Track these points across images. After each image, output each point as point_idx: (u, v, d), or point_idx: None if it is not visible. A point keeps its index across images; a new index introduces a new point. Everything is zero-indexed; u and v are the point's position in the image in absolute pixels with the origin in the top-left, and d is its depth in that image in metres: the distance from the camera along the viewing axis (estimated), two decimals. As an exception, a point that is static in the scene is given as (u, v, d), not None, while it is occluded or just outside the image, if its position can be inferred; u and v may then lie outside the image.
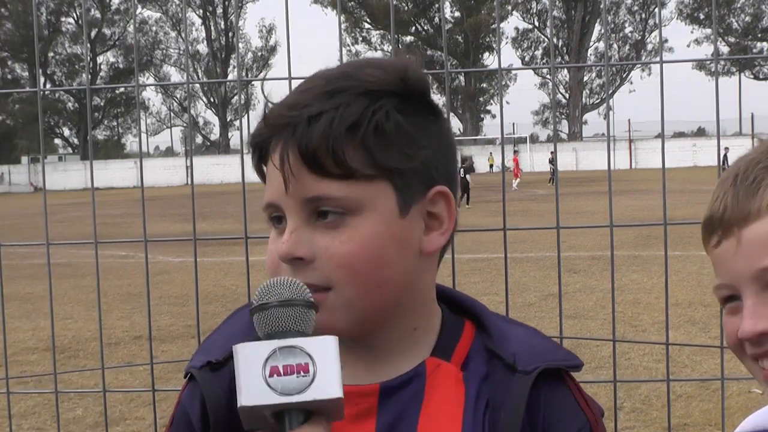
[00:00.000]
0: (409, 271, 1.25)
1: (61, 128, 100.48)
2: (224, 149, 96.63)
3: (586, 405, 1.31)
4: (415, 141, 1.23)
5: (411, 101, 1.25)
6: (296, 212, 1.21)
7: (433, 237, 1.27)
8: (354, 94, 1.21)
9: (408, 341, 1.29)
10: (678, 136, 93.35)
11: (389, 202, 1.22)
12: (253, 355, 1.08)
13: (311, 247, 1.20)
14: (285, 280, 1.13)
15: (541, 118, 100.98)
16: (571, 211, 25.04)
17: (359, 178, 1.20)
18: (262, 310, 1.12)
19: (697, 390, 7.75)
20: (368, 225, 1.20)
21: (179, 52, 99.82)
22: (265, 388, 1.07)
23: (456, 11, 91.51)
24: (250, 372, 1.07)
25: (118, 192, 59.01)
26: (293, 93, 1.26)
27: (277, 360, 1.07)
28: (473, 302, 1.39)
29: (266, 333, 1.11)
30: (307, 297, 1.13)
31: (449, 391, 1.27)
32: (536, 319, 10.67)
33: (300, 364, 1.07)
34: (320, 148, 1.18)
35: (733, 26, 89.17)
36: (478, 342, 1.32)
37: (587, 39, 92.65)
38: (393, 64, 1.27)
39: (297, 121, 1.20)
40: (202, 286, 2.78)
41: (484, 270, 14.86)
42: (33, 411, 7.79)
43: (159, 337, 10.38)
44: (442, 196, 1.27)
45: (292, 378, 1.07)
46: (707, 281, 13.26)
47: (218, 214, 29.78)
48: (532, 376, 1.25)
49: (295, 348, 1.08)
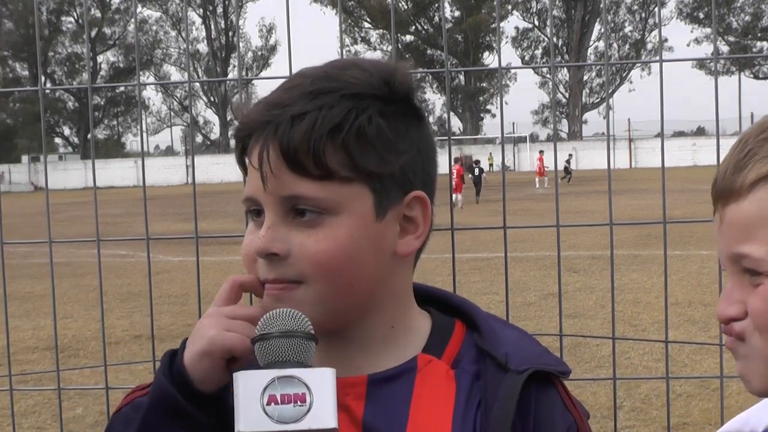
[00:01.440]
0: (382, 272, 1.27)
1: (61, 127, 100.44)
2: (224, 148, 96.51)
3: (573, 407, 1.32)
4: (395, 146, 1.25)
5: (394, 105, 1.26)
6: (274, 209, 1.23)
7: (408, 240, 1.29)
8: (338, 95, 1.22)
9: (387, 338, 1.31)
10: (678, 135, 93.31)
11: (366, 204, 1.24)
12: (252, 383, 1.11)
13: (287, 243, 1.22)
14: (287, 312, 1.17)
15: (541, 118, 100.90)
16: (571, 211, 25.04)
17: (338, 180, 1.21)
18: (263, 339, 1.15)
19: (697, 389, 7.75)
20: (344, 226, 1.22)
21: (179, 51, 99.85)
22: (263, 416, 1.09)
23: (456, 11, 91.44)
24: (248, 399, 1.10)
25: (118, 191, 58.98)
26: (277, 91, 1.27)
27: (275, 389, 1.10)
28: (463, 301, 1.40)
29: (266, 362, 1.14)
30: (308, 329, 1.16)
31: (440, 387, 1.28)
32: (536, 319, 10.68)
33: (297, 393, 1.10)
34: (301, 148, 1.20)
35: (732, 25, 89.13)
36: (469, 341, 1.34)
37: (587, 38, 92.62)
38: (378, 66, 1.28)
39: (279, 120, 1.21)
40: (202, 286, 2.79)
41: (484, 269, 14.88)
42: (33, 410, 7.80)
43: (159, 336, 10.37)
44: (418, 201, 1.29)
45: (289, 407, 1.10)
46: (707, 280, 13.27)
47: (218, 213, 29.77)
48: (524, 376, 1.27)
49: (294, 378, 1.11)
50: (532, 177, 50.01)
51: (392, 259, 1.28)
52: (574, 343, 8.86)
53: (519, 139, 78.46)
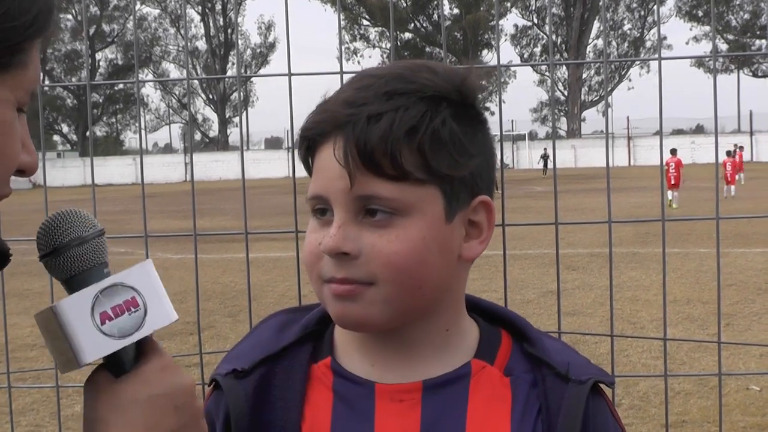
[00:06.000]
0: (447, 275, 1.28)
1: (59, 125, 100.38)
2: (223, 146, 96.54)
3: (619, 419, 1.36)
4: (466, 150, 1.25)
5: (463, 109, 1.27)
6: (345, 208, 1.23)
7: (473, 245, 1.30)
8: (413, 97, 1.23)
9: (441, 342, 1.32)
10: (677, 133, 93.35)
11: (437, 207, 1.24)
12: (77, 309, 1.01)
13: (357, 243, 1.22)
14: (68, 214, 1.06)
15: (540, 116, 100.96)
16: (569, 208, 25.04)
17: (412, 181, 1.21)
18: (57, 255, 1.04)
19: (695, 387, 7.76)
20: (415, 227, 1.22)
21: (178, 48, 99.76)
22: (103, 338, 1.01)
23: (455, 8, 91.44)
24: (80, 327, 1.01)
25: (117, 189, 58.95)
26: (347, 89, 1.27)
27: (102, 305, 1.02)
28: (509, 312, 1.42)
29: (67, 277, 1.05)
30: (97, 225, 1.08)
31: (495, 393, 1.30)
32: (535, 316, 10.68)
33: (127, 299, 1.04)
34: (378, 148, 1.20)
35: (731, 23, 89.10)
36: (517, 350, 1.36)
37: (586, 36, 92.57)
38: (449, 70, 1.29)
39: (356, 119, 1.21)
40: (201, 283, 2.79)
41: (483, 267, 14.86)
42: (31, 408, 7.79)
43: (157, 334, 10.27)
44: (484, 205, 1.30)
45: (125, 317, 1.03)
46: (705, 278, 13.28)
47: (217, 211, 29.75)
48: (587, 386, 1.30)
49: (117, 285, 1.04)
50: (529, 174, 50.04)
51: (457, 262, 1.29)
52: (572, 341, 8.86)
53: (518, 137, 78.50)
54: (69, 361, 1.02)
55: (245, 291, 2.13)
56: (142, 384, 1.05)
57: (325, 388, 1.32)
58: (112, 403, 1.04)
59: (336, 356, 1.34)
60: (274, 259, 16.13)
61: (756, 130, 69.36)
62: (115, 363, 1.05)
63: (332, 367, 1.33)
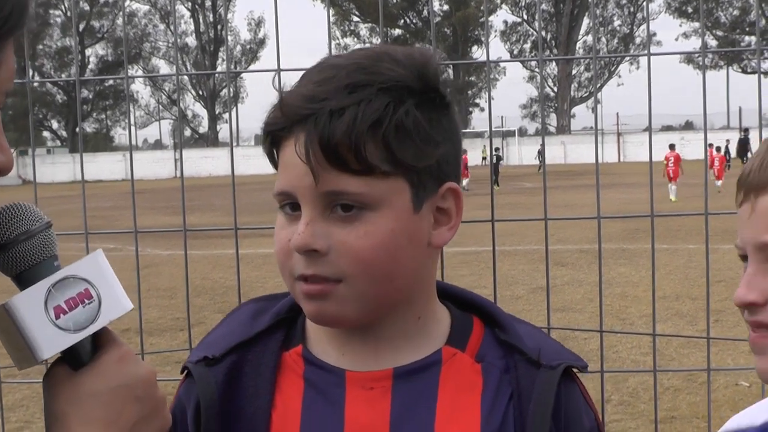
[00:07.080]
0: (418, 265, 1.28)
1: (49, 121, 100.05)
2: (213, 142, 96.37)
3: (592, 404, 1.36)
4: (432, 138, 1.24)
5: (427, 96, 1.26)
6: (312, 204, 1.22)
7: (442, 232, 1.29)
8: (375, 89, 1.21)
9: (413, 330, 1.32)
10: (666, 129, 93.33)
11: (404, 198, 1.23)
12: (30, 306, 1.00)
13: (327, 239, 1.21)
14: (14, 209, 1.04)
15: (530, 112, 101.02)
16: (559, 204, 25.07)
17: (378, 175, 1.21)
18: (5, 251, 1.03)
19: (684, 383, 7.78)
20: (384, 221, 1.22)
21: (168, 44, 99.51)
22: (59, 332, 1.00)
23: (445, 4, 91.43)
24: (35, 323, 1.00)
25: (107, 185, 58.82)
26: (308, 83, 1.25)
27: (55, 299, 1.01)
28: (479, 298, 1.41)
29: (17, 273, 1.04)
30: (44, 219, 1.06)
31: (466, 379, 1.30)
32: (524, 312, 10.69)
33: (81, 292, 1.02)
34: (342, 143, 1.19)
35: (721, 20, 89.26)
36: (489, 336, 1.35)
37: (576, 32, 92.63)
38: (411, 57, 1.27)
39: (318, 114, 1.20)
40: (191, 279, 2.78)
41: (472, 263, 14.87)
42: (21, 404, 7.77)
43: (147, 330, 10.36)
44: (452, 192, 1.29)
45: (80, 310, 1.02)
46: (694, 274, 13.32)
47: (206, 207, 29.69)
48: (558, 371, 1.30)
49: (68, 278, 1.02)
50: (520, 170, 50.07)
51: (426, 251, 1.28)
52: (562, 337, 8.88)
53: (507, 133, 78.53)
54: (26, 358, 1.02)
55: (235, 287, 2.13)
56: (100, 376, 1.04)
57: (296, 375, 1.31)
58: (71, 396, 1.04)
59: (307, 344, 1.34)
60: (264, 255, 16.09)
61: (745, 126, 69.47)
62: (73, 356, 1.05)
63: (303, 355, 1.33)
